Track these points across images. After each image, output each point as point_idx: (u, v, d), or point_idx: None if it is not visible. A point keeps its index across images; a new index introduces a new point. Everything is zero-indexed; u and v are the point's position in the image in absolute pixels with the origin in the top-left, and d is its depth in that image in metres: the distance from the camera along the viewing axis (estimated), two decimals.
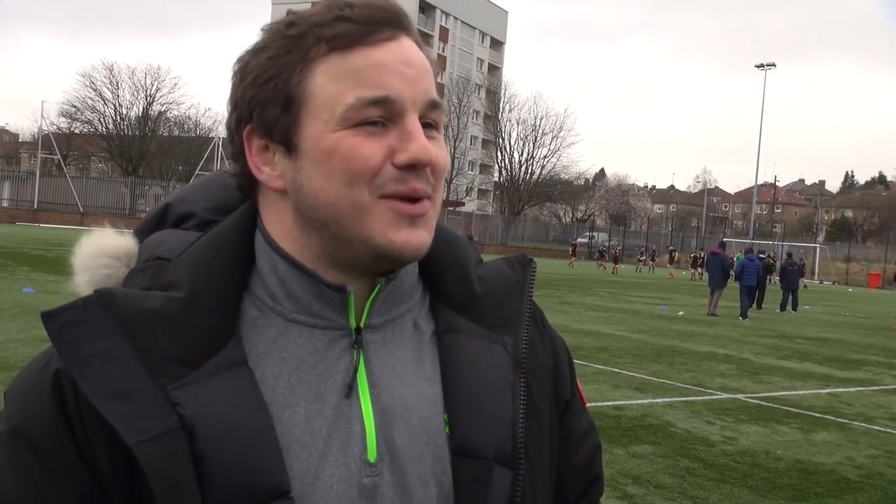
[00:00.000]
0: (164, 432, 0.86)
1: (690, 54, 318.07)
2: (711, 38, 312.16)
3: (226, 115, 1.00)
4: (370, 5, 0.94)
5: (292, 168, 0.94)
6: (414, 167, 0.92)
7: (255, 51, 0.96)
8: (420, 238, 0.94)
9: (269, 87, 0.93)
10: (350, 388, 0.96)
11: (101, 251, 1.04)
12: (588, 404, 1.23)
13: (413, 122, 0.93)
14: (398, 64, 0.92)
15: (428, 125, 0.95)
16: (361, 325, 0.98)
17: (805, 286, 46.03)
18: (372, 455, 0.95)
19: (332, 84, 0.92)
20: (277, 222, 0.98)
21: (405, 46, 0.94)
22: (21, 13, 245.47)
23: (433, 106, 0.95)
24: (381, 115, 0.92)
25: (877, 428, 9.58)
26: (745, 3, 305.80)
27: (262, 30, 0.97)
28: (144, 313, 0.91)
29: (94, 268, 1.03)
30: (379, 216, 0.92)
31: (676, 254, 53.00)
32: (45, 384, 0.90)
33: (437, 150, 0.94)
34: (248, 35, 1.00)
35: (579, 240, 72.78)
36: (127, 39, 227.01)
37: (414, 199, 0.93)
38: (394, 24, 0.94)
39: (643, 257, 58.13)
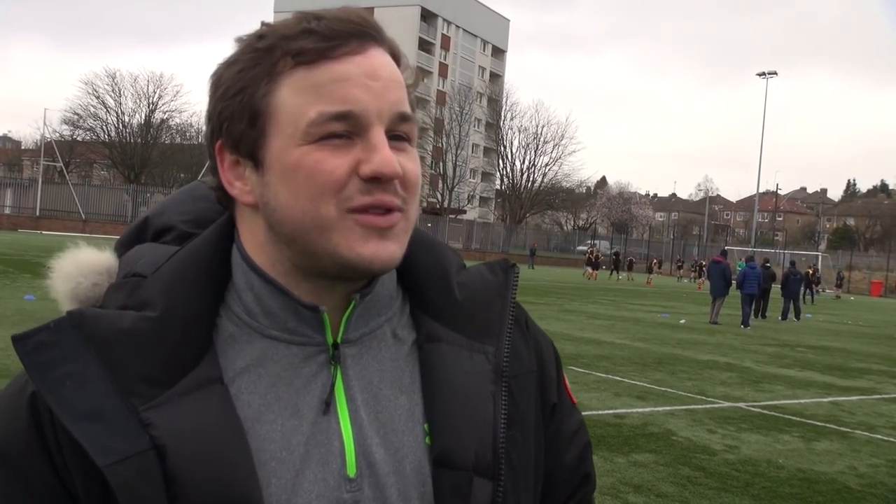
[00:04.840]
0: (135, 453, 0.86)
1: (692, 62, 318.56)
2: (713, 46, 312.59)
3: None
4: (338, 18, 0.92)
5: (260, 183, 0.93)
6: (378, 180, 0.90)
7: (228, 63, 0.95)
8: (389, 251, 0.92)
9: (237, 101, 0.92)
10: (327, 405, 0.95)
11: (84, 267, 1.04)
12: (590, 412, 1.23)
13: (378, 135, 0.91)
14: (363, 77, 0.91)
15: (398, 138, 0.94)
16: (338, 339, 0.98)
17: (825, 291, 46.34)
18: (351, 470, 0.94)
19: (295, 98, 0.91)
20: (251, 237, 0.97)
21: (372, 58, 0.93)
22: (21, 22, 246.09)
23: (402, 119, 0.93)
24: (345, 129, 0.90)
25: (879, 437, 9.57)
26: (747, 10, 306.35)
27: (236, 41, 0.97)
28: (117, 334, 0.91)
29: (78, 283, 1.03)
30: (346, 231, 0.91)
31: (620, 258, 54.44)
32: (21, 406, 0.90)
33: (406, 162, 0.93)
34: None
35: (582, 247, 72.55)
36: (130, 48, 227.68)
37: (384, 210, 0.92)
38: (361, 35, 0.93)
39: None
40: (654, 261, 56.20)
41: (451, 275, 1.08)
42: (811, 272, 43.02)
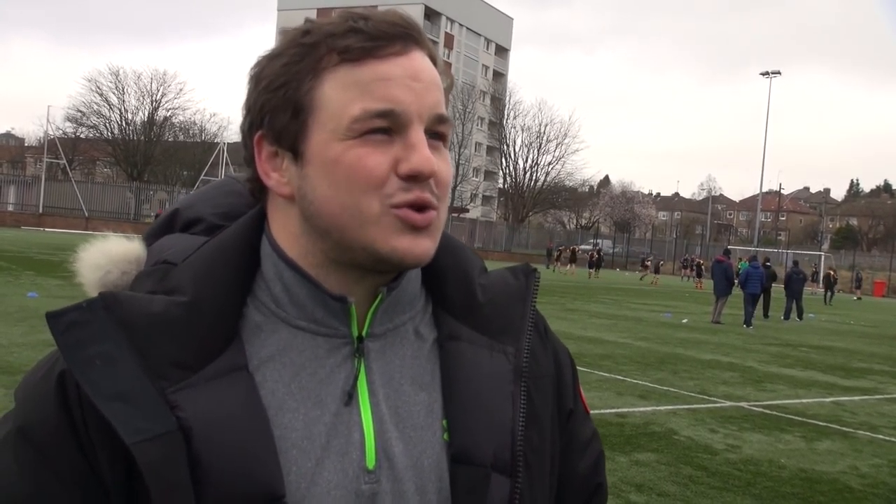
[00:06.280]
0: (163, 433, 0.88)
1: (694, 61, 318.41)
2: (714, 44, 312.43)
3: (240, 118, 1.01)
4: (384, 20, 0.95)
5: (299, 175, 0.95)
6: (416, 178, 0.93)
7: (271, 57, 0.97)
8: (423, 246, 0.95)
9: (280, 94, 0.95)
10: (350, 397, 0.97)
11: (114, 256, 1.06)
12: (591, 412, 1.24)
13: (417, 134, 0.94)
14: (406, 78, 0.94)
15: (434, 136, 0.96)
16: (364, 333, 0.99)
17: (859, 298, 46.38)
18: (370, 462, 0.96)
19: (340, 94, 0.93)
20: (284, 228, 0.99)
21: (415, 61, 0.95)
22: (22, 19, 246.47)
23: (440, 120, 0.97)
24: (386, 126, 0.93)
25: (881, 437, 9.56)
26: (749, 8, 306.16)
27: (279, 35, 0.99)
28: (147, 317, 0.93)
29: (107, 271, 1.05)
30: (385, 226, 0.93)
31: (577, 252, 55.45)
32: (49, 385, 0.92)
33: (440, 162, 0.95)
34: (254, 41, 1.02)
35: (585, 246, 72.32)
36: (130, 45, 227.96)
37: (421, 208, 0.94)
38: (405, 38, 0.95)
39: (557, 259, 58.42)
40: (660, 261, 56.27)
41: (473, 276, 1.09)
42: (832, 273, 43.28)
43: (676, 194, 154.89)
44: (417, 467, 0.98)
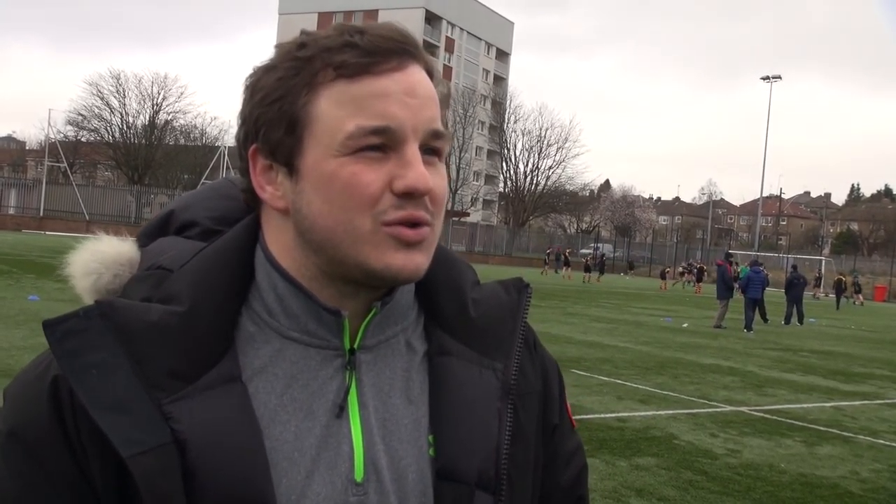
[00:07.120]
0: (158, 446, 0.88)
1: (695, 65, 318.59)
2: (718, 49, 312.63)
3: (235, 128, 1.00)
4: (380, 34, 0.94)
5: (293, 190, 0.95)
6: (411, 195, 0.92)
7: (266, 69, 0.96)
8: (416, 262, 0.94)
9: (275, 108, 0.94)
10: (341, 409, 0.97)
11: (106, 259, 1.05)
12: (592, 416, 1.24)
13: (412, 150, 0.93)
14: (401, 94, 0.93)
15: (430, 152, 0.96)
16: (356, 346, 0.99)
17: (861, 303, 46.45)
18: (359, 475, 0.96)
19: (335, 110, 0.92)
20: (278, 240, 0.99)
21: (411, 76, 0.95)
22: (24, 22, 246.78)
23: (435, 136, 0.96)
24: (381, 142, 0.92)
25: (881, 442, 9.55)
26: (750, 13, 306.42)
27: (275, 48, 0.98)
28: (145, 326, 0.93)
29: (99, 275, 1.04)
30: (378, 243, 0.93)
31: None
32: (42, 389, 0.92)
33: (435, 177, 0.95)
34: (254, 45, 1.01)
35: (585, 251, 72.12)
36: (131, 49, 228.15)
37: (413, 224, 0.94)
38: (402, 53, 0.94)
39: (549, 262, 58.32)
40: (668, 269, 56.19)
41: (466, 291, 1.09)
42: (843, 279, 43.39)
43: (677, 198, 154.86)
44: (402, 482, 0.98)
